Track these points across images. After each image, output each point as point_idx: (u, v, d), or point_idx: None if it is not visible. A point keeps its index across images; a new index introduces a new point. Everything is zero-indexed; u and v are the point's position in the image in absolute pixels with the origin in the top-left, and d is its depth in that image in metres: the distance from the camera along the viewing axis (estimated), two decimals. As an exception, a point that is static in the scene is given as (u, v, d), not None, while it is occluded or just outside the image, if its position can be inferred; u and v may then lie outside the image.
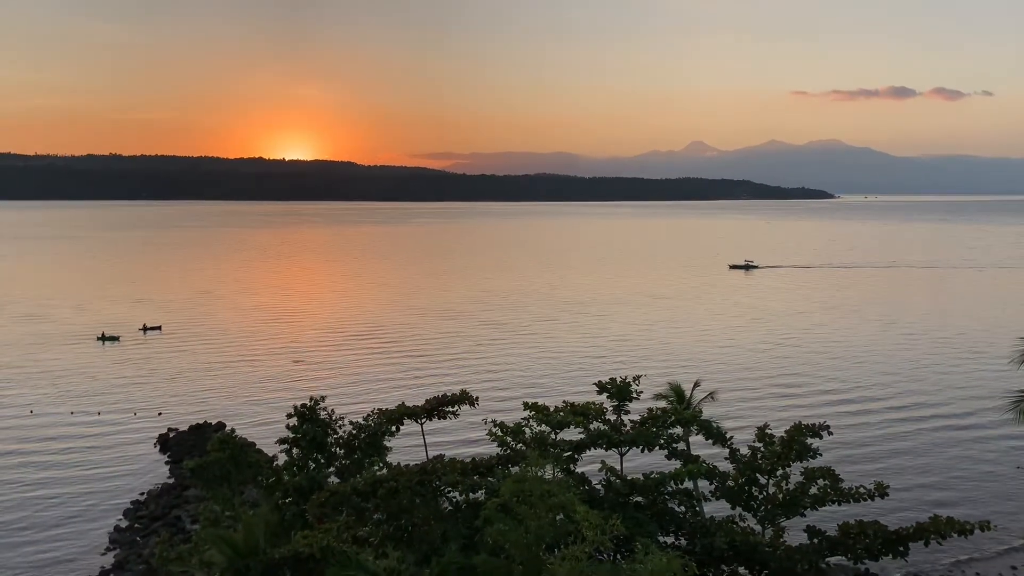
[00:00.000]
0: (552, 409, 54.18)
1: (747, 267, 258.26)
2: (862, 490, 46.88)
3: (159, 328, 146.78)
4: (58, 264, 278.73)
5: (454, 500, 48.03)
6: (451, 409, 59.39)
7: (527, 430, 53.04)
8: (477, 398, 60.27)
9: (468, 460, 49.77)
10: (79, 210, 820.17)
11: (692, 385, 59.84)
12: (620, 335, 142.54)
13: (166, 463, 77.67)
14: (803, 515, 47.90)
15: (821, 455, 49.55)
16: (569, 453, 51.71)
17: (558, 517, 38.85)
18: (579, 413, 53.13)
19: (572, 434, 54.38)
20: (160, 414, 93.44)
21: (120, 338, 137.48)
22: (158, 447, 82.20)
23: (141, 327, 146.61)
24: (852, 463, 72.89)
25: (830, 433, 49.97)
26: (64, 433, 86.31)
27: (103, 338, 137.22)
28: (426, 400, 60.25)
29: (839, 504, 47.44)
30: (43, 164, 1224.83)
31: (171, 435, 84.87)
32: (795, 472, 49.03)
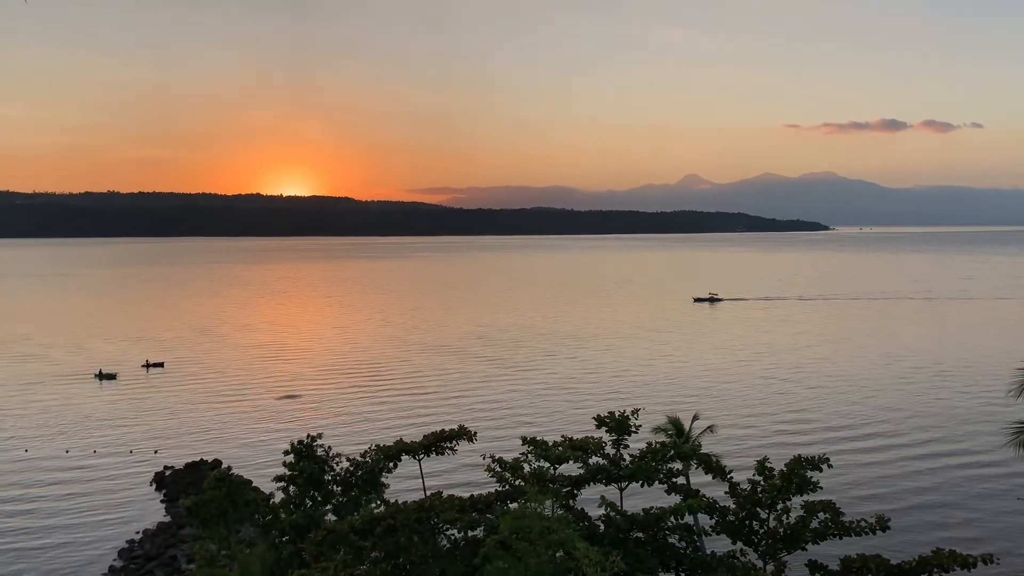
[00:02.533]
0: (550, 444, 53.89)
1: (711, 300, 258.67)
2: (863, 523, 46.48)
3: (161, 365, 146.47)
4: (56, 301, 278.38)
5: (452, 538, 47.60)
6: (449, 445, 59.07)
7: (525, 465, 52.71)
8: (475, 433, 59.99)
9: (466, 497, 49.45)
10: (77, 248, 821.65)
11: (691, 418, 59.69)
12: (617, 369, 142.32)
13: (162, 502, 77.02)
14: (804, 549, 47.45)
15: (821, 488, 49.18)
16: (568, 488, 51.36)
17: (558, 554, 38.53)
18: (578, 448, 52.85)
19: (571, 469, 54.06)
20: (156, 452, 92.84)
21: (117, 376, 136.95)
22: (154, 485, 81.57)
23: (144, 363, 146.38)
24: (853, 496, 72.47)
25: (830, 466, 49.67)
26: (59, 472, 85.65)
27: (100, 376, 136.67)
28: (424, 436, 59.93)
29: (840, 537, 47.01)
30: (41, 202, 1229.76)
31: (167, 473, 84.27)
32: (796, 506, 48.68)
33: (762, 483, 49.39)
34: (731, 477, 52.55)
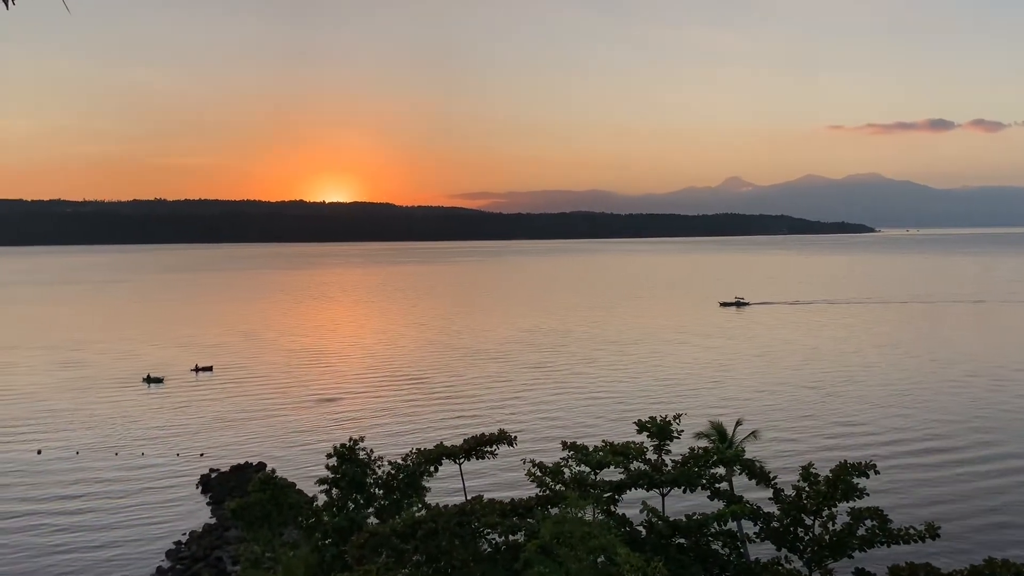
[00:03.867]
0: (591, 449, 53.72)
1: (737, 304, 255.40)
2: (912, 531, 45.54)
3: (210, 369, 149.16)
4: (105, 307, 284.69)
5: (493, 542, 47.64)
6: (489, 449, 59.20)
7: (566, 470, 52.60)
8: (515, 438, 60.00)
9: (507, 501, 49.45)
10: (126, 254, 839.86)
11: (734, 424, 58.98)
12: (659, 374, 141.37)
13: (208, 504, 78.25)
14: (851, 557, 46.64)
15: (868, 495, 48.36)
16: (609, 494, 51.12)
17: (599, 559, 38.35)
18: (619, 453, 52.60)
19: (612, 474, 53.83)
20: (202, 455, 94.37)
21: (164, 380, 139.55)
22: (200, 488, 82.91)
23: (193, 368, 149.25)
24: (901, 503, 71.04)
25: (877, 472, 48.79)
26: (109, 474, 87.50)
27: (148, 380, 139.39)
28: (464, 440, 60.14)
29: (888, 546, 46.11)
30: (91, 209, 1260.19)
31: (213, 476, 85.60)
32: (842, 512, 47.88)
33: (807, 489, 48.67)
34: (775, 483, 51.86)
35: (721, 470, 53.19)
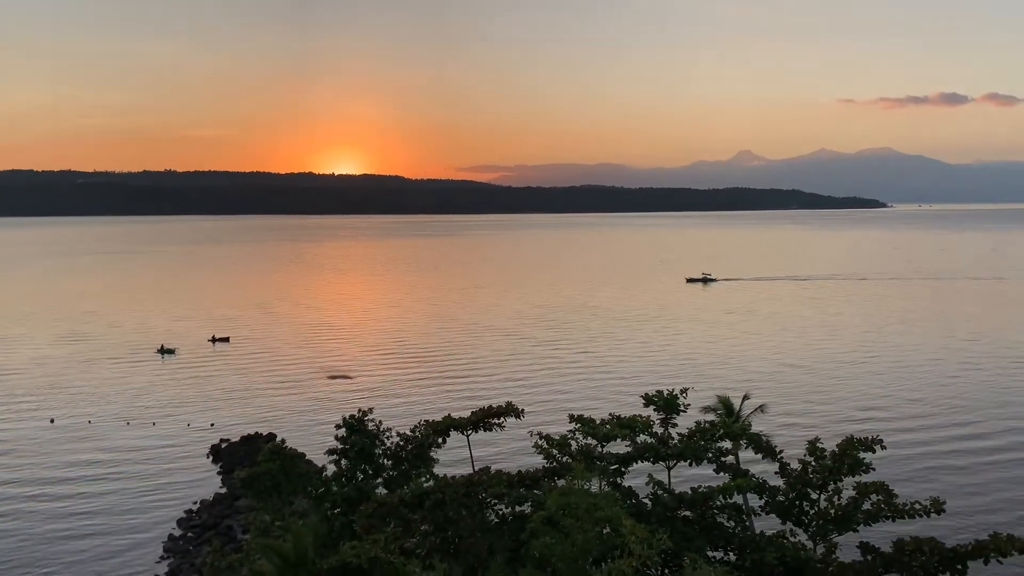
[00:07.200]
0: (598, 422, 53.94)
1: (704, 280, 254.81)
2: (917, 506, 45.59)
3: (227, 340, 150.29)
4: (118, 279, 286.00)
5: (500, 512, 48.05)
6: (497, 421, 59.51)
7: (573, 443, 52.86)
8: (523, 410, 60.25)
9: (514, 472, 49.79)
10: (136, 225, 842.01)
11: (741, 398, 59.05)
12: (666, 349, 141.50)
13: (218, 473, 79.09)
14: (856, 531, 46.78)
15: (874, 469, 48.42)
16: (616, 466, 51.38)
17: (604, 531, 38.66)
18: (625, 426, 52.81)
19: (619, 447, 54.05)
20: (212, 425, 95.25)
21: (177, 351, 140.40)
22: (210, 457, 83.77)
23: (211, 338, 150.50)
24: (907, 478, 71.17)
25: (883, 447, 48.78)
26: (120, 443, 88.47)
27: (162, 351, 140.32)
28: (472, 412, 60.47)
29: (893, 520, 46.19)
30: (102, 180, 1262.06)
31: (223, 446, 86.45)
32: (847, 487, 47.97)
33: (813, 464, 48.74)
34: (781, 457, 51.98)
35: (727, 444, 53.36)
